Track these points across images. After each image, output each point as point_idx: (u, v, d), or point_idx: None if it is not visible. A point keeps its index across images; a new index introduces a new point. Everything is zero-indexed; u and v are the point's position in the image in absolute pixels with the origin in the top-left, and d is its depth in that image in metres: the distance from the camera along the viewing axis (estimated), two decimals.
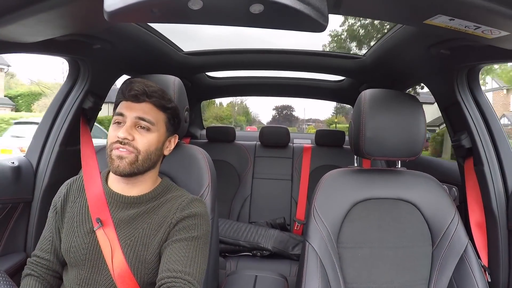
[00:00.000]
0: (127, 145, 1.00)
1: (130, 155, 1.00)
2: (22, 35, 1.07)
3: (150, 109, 1.04)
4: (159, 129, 1.06)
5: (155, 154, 1.06)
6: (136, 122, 1.02)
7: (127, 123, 1.01)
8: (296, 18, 0.73)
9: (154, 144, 1.04)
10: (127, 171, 1.01)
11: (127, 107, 1.03)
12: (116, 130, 1.02)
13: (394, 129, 1.21)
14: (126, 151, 1.00)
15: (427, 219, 1.21)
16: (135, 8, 0.69)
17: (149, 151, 1.03)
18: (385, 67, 1.99)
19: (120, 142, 1.00)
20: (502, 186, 1.42)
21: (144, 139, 1.02)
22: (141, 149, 1.02)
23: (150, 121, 1.03)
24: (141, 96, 1.02)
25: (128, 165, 1.00)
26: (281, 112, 32.45)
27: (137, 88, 1.01)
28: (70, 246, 1.02)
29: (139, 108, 1.02)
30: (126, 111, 1.02)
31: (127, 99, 1.03)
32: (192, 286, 0.93)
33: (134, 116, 1.02)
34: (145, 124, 1.02)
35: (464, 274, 1.13)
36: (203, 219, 1.05)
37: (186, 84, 1.80)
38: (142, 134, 1.02)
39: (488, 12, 0.79)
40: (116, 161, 1.00)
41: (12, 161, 1.43)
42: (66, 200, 1.10)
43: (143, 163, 1.03)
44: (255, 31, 5.36)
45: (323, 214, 1.18)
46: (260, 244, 2.09)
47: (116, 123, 1.04)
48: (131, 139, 1.00)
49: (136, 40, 1.62)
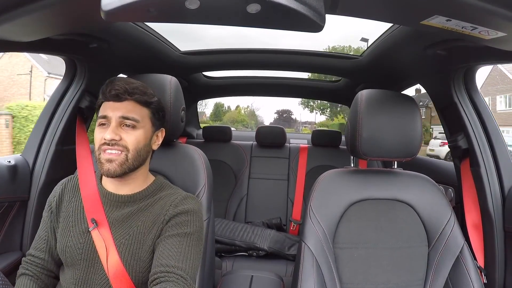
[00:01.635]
0: (115, 146, 1.00)
1: (119, 157, 1.00)
2: (18, 34, 1.06)
3: (133, 106, 1.03)
4: (144, 125, 1.05)
5: (144, 150, 1.06)
6: (121, 121, 1.01)
7: (112, 123, 1.01)
8: (293, 18, 0.73)
9: (142, 140, 1.04)
10: (118, 173, 1.01)
11: (110, 107, 1.02)
12: (102, 132, 1.01)
13: (390, 130, 1.21)
14: (115, 153, 1.00)
15: (423, 220, 1.21)
16: (132, 7, 0.69)
17: (138, 148, 1.03)
18: (381, 68, 1.99)
19: (107, 143, 0.99)
20: (498, 187, 1.42)
21: (131, 137, 1.02)
22: (130, 147, 1.01)
23: (134, 119, 1.02)
24: (123, 94, 1.01)
25: (118, 166, 1.00)
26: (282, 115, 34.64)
27: (118, 87, 1.01)
28: (65, 246, 1.02)
29: (122, 107, 1.02)
30: (109, 112, 1.02)
31: (109, 99, 1.03)
32: (185, 280, 0.93)
33: (118, 116, 1.01)
34: (130, 122, 1.02)
35: (460, 275, 1.13)
36: (196, 215, 1.05)
37: (182, 83, 1.80)
38: (129, 132, 1.02)
39: (485, 13, 0.79)
40: (106, 164, 1.00)
41: (9, 160, 1.42)
42: (61, 199, 1.10)
43: (134, 161, 1.03)
44: (252, 32, 5.39)
45: (319, 215, 1.18)
46: (256, 244, 2.09)
47: (100, 125, 1.03)
48: (118, 139, 1.00)
49: (132, 39, 1.61)
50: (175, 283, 0.90)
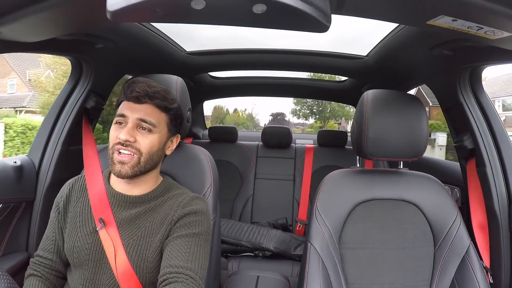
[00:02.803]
0: (129, 147, 1.00)
1: (131, 160, 1.00)
2: (24, 34, 1.07)
3: (152, 110, 1.03)
4: (161, 130, 1.05)
5: (157, 155, 1.06)
6: (138, 123, 1.01)
7: (129, 124, 1.01)
8: (298, 18, 0.73)
9: (156, 145, 1.04)
10: (129, 174, 1.01)
11: (129, 107, 1.02)
12: (117, 131, 1.02)
13: (396, 130, 1.20)
14: (128, 155, 1.00)
15: (429, 220, 1.21)
16: (138, 8, 0.69)
17: (151, 152, 1.03)
18: (387, 68, 1.99)
19: (121, 144, 1.00)
20: (504, 188, 1.41)
21: (146, 141, 1.02)
22: (143, 150, 1.01)
23: (151, 123, 1.02)
24: (143, 97, 1.01)
25: (130, 169, 1.01)
26: (276, 117, 36.31)
27: (139, 89, 1.00)
28: (73, 246, 1.02)
29: (140, 109, 1.02)
30: (128, 112, 1.02)
31: (129, 100, 1.03)
32: (194, 281, 0.93)
33: (136, 117, 1.01)
34: (146, 125, 1.02)
35: (466, 275, 1.13)
36: (204, 216, 1.06)
37: (188, 84, 1.80)
38: (144, 135, 1.02)
39: (491, 13, 0.79)
40: (118, 165, 1.00)
41: (15, 161, 1.43)
42: (68, 199, 1.11)
43: (146, 165, 1.03)
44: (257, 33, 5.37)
45: (325, 215, 1.18)
46: (262, 245, 2.09)
47: (117, 123, 1.03)
48: (132, 140, 1.00)
49: (138, 39, 1.62)
50: (184, 284, 0.91)
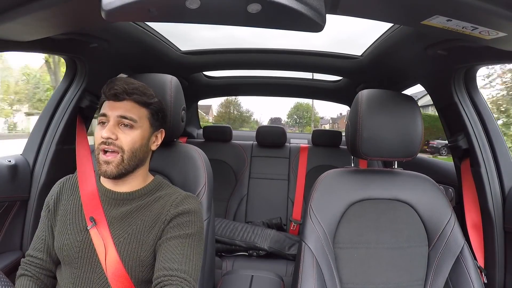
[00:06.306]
0: (111, 145, 1.01)
1: (115, 158, 1.01)
2: (19, 34, 1.06)
3: (131, 106, 1.04)
4: (142, 125, 1.06)
5: (140, 151, 1.06)
6: (119, 120, 1.03)
7: (110, 122, 1.02)
8: (293, 17, 0.73)
9: (138, 141, 1.05)
10: (115, 174, 1.02)
11: (109, 106, 1.04)
12: (101, 131, 1.03)
13: (391, 130, 1.21)
14: (112, 154, 1.01)
15: (424, 220, 1.21)
16: (133, 7, 0.69)
17: (134, 148, 1.04)
18: (382, 67, 1.99)
19: (104, 142, 1.01)
20: (498, 187, 1.42)
21: (127, 137, 1.03)
22: (125, 147, 1.02)
23: (132, 119, 1.03)
24: (121, 94, 1.03)
25: (115, 168, 1.01)
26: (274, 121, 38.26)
27: (117, 87, 1.02)
28: (63, 244, 1.02)
29: (120, 107, 1.03)
30: (109, 111, 1.03)
31: (109, 98, 1.04)
32: (188, 283, 0.93)
33: (116, 115, 1.02)
34: (127, 122, 1.03)
35: (460, 275, 1.13)
36: (197, 215, 1.06)
37: (183, 83, 1.80)
38: (125, 132, 1.03)
39: (486, 13, 0.79)
40: (104, 165, 1.02)
41: (9, 160, 1.42)
42: (59, 198, 1.11)
43: (129, 162, 1.04)
44: (253, 34, 5.30)
45: (320, 214, 1.18)
46: (256, 244, 2.09)
47: (101, 124, 1.05)
48: (114, 138, 1.01)
49: (133, 39, 1.61)
50: (179, 287, 0.91)
